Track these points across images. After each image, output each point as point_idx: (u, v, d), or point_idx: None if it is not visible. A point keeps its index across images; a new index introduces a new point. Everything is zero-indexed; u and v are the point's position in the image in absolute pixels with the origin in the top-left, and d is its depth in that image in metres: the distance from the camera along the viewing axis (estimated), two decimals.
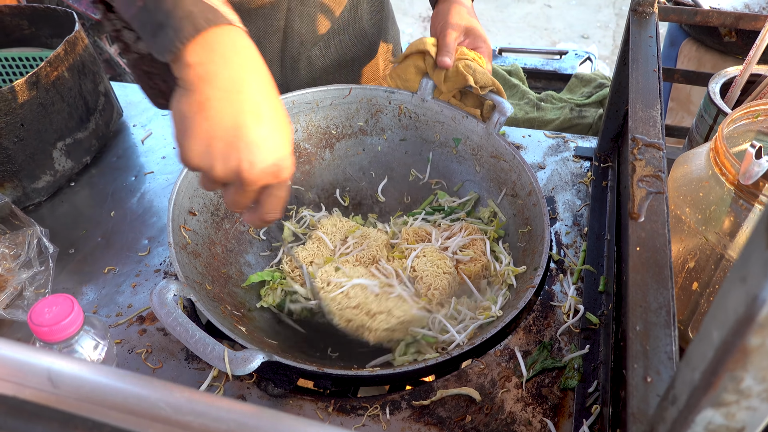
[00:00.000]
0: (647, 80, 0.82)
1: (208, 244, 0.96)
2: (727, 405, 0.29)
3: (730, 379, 0.28)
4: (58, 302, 0.63)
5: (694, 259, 0.76)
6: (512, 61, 2.11)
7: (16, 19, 1.28)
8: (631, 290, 0.55)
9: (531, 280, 0.83)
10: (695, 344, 0.31)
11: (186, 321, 0.73)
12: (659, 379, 0.47)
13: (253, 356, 0.71)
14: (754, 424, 0.30)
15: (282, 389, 0.80)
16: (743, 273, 0.26)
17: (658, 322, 0.52)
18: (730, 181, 0.70)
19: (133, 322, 0.91)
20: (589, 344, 0.83)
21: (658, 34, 0.94)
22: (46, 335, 0.62)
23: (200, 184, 0.67)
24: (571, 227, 1.03)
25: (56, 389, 0.36)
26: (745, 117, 0.77)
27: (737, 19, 1.00)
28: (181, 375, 0.83)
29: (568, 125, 1.73)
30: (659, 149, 0.71)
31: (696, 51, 1.63)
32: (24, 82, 1.02)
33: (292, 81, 1.31)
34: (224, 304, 0.88)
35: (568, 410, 0.77)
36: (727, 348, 0.27)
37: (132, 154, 1.26)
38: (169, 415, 0.35)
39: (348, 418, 0.77)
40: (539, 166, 1.16)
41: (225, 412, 0.35)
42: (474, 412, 0.77)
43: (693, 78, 1.15)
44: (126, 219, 1.10)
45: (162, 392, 0.36)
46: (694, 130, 1.06)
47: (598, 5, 4.66)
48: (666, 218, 0.62)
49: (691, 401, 0.31)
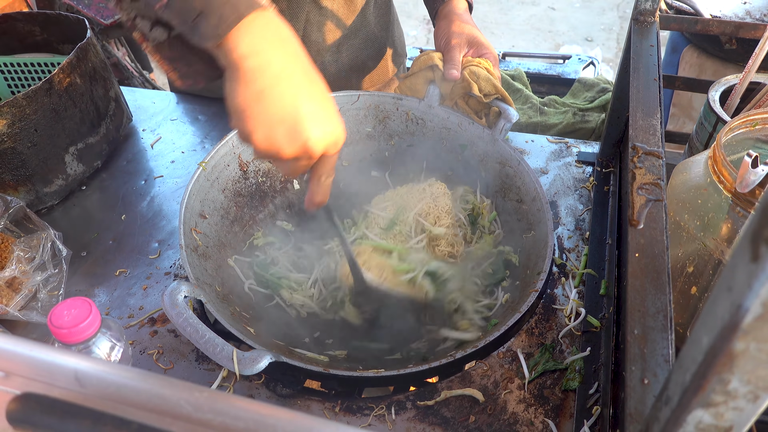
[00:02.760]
0: (648, 89, 0.84)
1: (218, 247, 0.98)
2: (716, 405, 0.31)
3: (718, 381, 0.30)
4: (77, 305, 0.65)
5: (692, 264, 0.78)
6: (515, 65, 2.13)
7: (29, 26, 1.31)
8: (630, 295, 0.57)
9: (534, 284, 0.85)
10: (687, 348, 0.33)
11: (196, 322, 0.75)
12: (656, 381, 0.49)
13: (261, 356, 0.73)
14: (741, 423, 0.32)
15: (290, 389, 0.82)
16: (729, 283, 0.28)
17: (656, 326, 0.54)
18: (727, 189, 0.72)
19: (144, 323, 0.93)
20: (590, 347, 0.85)
21: (659, 43, 0.96)
22: (65, 337, 0.64)
23: (258, 156, 0.70)
24: (573, 231, 1.05)
25: (83, 388, 0.39)
26: (743, 126, 0.79)
27: (737, 28, 1.02)
28: (191, 376, 0.86)
29: (571, 129, 1.75)
30: (659, 157, 0.72)
31: (697, 58, 1.65)
32: (38, 89, 1.04)
33: None
34: (234, 306, 0.90)
35: (570, 411, 0.79)
36: (715, 352, 0.29)
37: (142, 159, 1.28)
38: (190, 413, 0.37)
39: (354, 417, 0.80)
40: (542, 171, 1.18)
41: (243, 411, 0.37)
42: (477, 413, 0.79)
43: (694, 85, 1.17)
44: (136, 222, 1.12)
45: (183, 392, 0.38)
46: (695, 137, 1.08)
47: (602, 8, 4.67)
48: (664, 225, 0.63)
49: (683, 402, 0.33)
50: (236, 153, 1.06)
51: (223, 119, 1.36)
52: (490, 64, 1.06)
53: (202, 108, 1.41)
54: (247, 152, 1.08)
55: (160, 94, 1.48)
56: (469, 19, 1.12)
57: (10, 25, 1.29)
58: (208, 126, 1.35)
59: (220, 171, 1.03)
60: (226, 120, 1.35)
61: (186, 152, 1.28)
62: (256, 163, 1.09)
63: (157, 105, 1.43)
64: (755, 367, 0.28)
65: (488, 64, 1.06)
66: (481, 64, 1.05)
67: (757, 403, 0.30)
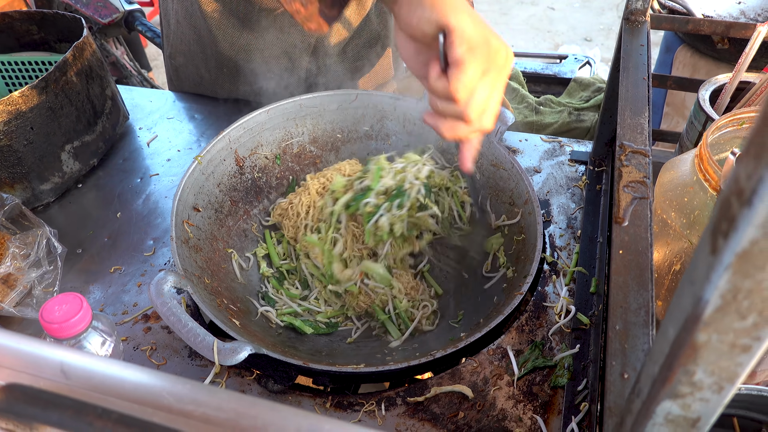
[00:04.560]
0: (636, 88, 0.85)
1: (210, 240, 0.99)
2: (683, 396, 0.32)
3: (684, 373, 0.31)
4: (68, 300, 0.66)
5: (680, 262, 0.79)
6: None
7: (26, 24, 1.31)
8: (612, 291, 0.58)
9: (520, 287, 0.86)
10: (657, 341, 0.34)
11: (180, 311, 0.76)
12: (635, 375, 0.49)
13: (241, 348, 0.74)
14: (708, 414, 0.32)
15: (281, 385, 0.83)
16: (692, 276, 0.29)
17: (637, 322, 0.54)
18: (713, 186, 0.72)
19: (138, 320, 0.94)
20: (580, 344, 0.85)
21: (649, 43, 0.97)
22: (56, 332, 0.65)
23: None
24: (565, 230, 1.06)
25: (68, 380, 0.39)
26: (730, 124, 0.80)
27: (728, 28, 1.02)
28: (184, 371, 0.86)
29: (567, 129, 1.76)
30: (645, 156, 0.73)
31: (691, 57, 1.66)
32: (34, 87, 1.05)
33: (312, 90, 1.35)
34: (221, 298, 0.91)
35: (558, 407, 0.79)
36: (680, 344, 0.30)
37: (138, 157, 1.29)
38: (171, 403, 0.38)
39: (345, 413, 0.80)
40: (535, 169, 1.19)
41: (225, 402, 0.38)
42: (466, 409, 0.79)
43: (686, 84, 1.17)
44: (132, 220, 1.13)
45: (165, 383, 0.39)
46: (685, 136, 1.09)
47: (601, 8, 4.68)
48: (649, 223, 0.64)
49: (652, 393, 0.34)
50: (233, 148, 1.07)
51: (219, 118, 1.37)
52: None
53: (199, 107, 1.41)
54: (243, 148, 1.08)
55: (157, 92, 1.49)
56: None
57: (7, 23, 1.30)
58: (204, 124, 1.36)
59: (215, 165, 1.04)
60: (221, 119, 1.36)
61: (182, 150, 1.29)
62: (252, 158, 1.10)
63: (154, 103, 1.44)
64: (717, 358, 0.29)
65: None
66: None
67: (722, 393, 0.31)
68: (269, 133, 1.11)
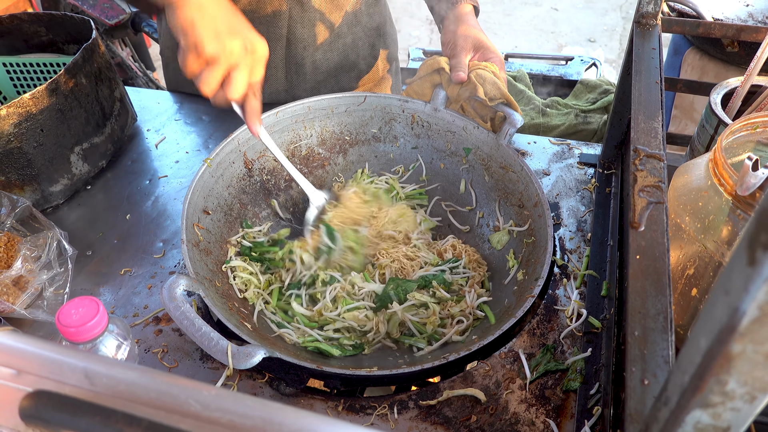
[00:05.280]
0: (649, 92, 0.85)
1: (219, 243, 0.99)
2: (714, 406, 0.32)
3: (716, 383, 0.31)
4: (84, 304, 0.66)
5: (693, 266, 0.79)
6: (518, 66, 2.14)
7: (34, 26, 1.31)
8: (630, 297, 0.57)
9: (531, 290, 0.86)
10: (685, 350, 0.34)
11: (193, 315, 0.76)
12: (655, 382, 0.49)
13: (255, 351, 0.74)
14: (739, 424, 0.32)
15: (293, 388, 0.83)
16: (727, 286, 0.29)
17: (656, 328, 0.54)
18: (728, 191, 0.72)
19: (149, 322, 0.94)
20: (592, 347, 0.85)
21: (660, 46, 0.97)
22: (73, 336, 0.65)
23: (186, 69, 0.85)
24: (575, 233, 1.06)
25: (93, 386, 0.39)
26: (744, 129, 0.80)
27: (739, 31, 1.02)
28: (196, 374, 0.86)
29: (573, 131, 1.75)
30: (660, 160, 0.73)
31: (699, 60, 1.65)
32: (44, 89, 1.05)
33: (297, 85, 1.36)
34: (232, 301, 0.91)
35: (571, 411, 0.79)
36: (712, 354, 0.30)
37: (146, 159, 1.29)
38: (198, 411, 0.38)
39: (357, 417, 0.80)
40: (544, 172, 1.19)
41: (250, 409, 0.38)
42: (479, 413, 0.79)
43: (695, 88, 1.17)
44: (141, 222, 1.13)
45: (191, 390, 0.39)
46: (696, 140, 1.08)
47: (604, 9, 4.68)
48: (665, 228, 0.64)
49: (682, 402, 0.34)
50: (241, 151, 1.07)
51: (228, 120, 1.37)
52: (496, 68, 1.08)
53: (206, 108, 1.41)
54: (252, 150, 1.09)
55: (165, 94, 1.49)
56: (475, 23, 1.14)
57: (16, 25, 1.30)
58: (212, 126, 1.36)
59: (225, 168, 1.04)
60: (230, 121, 1.36)
61: (190, 152, 1.29)
62: (261, 161, 1.10)
63: (162, 105, 1.44)
64: (752, 368, 0.29)
65: (494, 67, 1.07)
66: (487, 67, 1.06)
67: (754, 403, 0.31)
68: (278, 135, 1.11)
